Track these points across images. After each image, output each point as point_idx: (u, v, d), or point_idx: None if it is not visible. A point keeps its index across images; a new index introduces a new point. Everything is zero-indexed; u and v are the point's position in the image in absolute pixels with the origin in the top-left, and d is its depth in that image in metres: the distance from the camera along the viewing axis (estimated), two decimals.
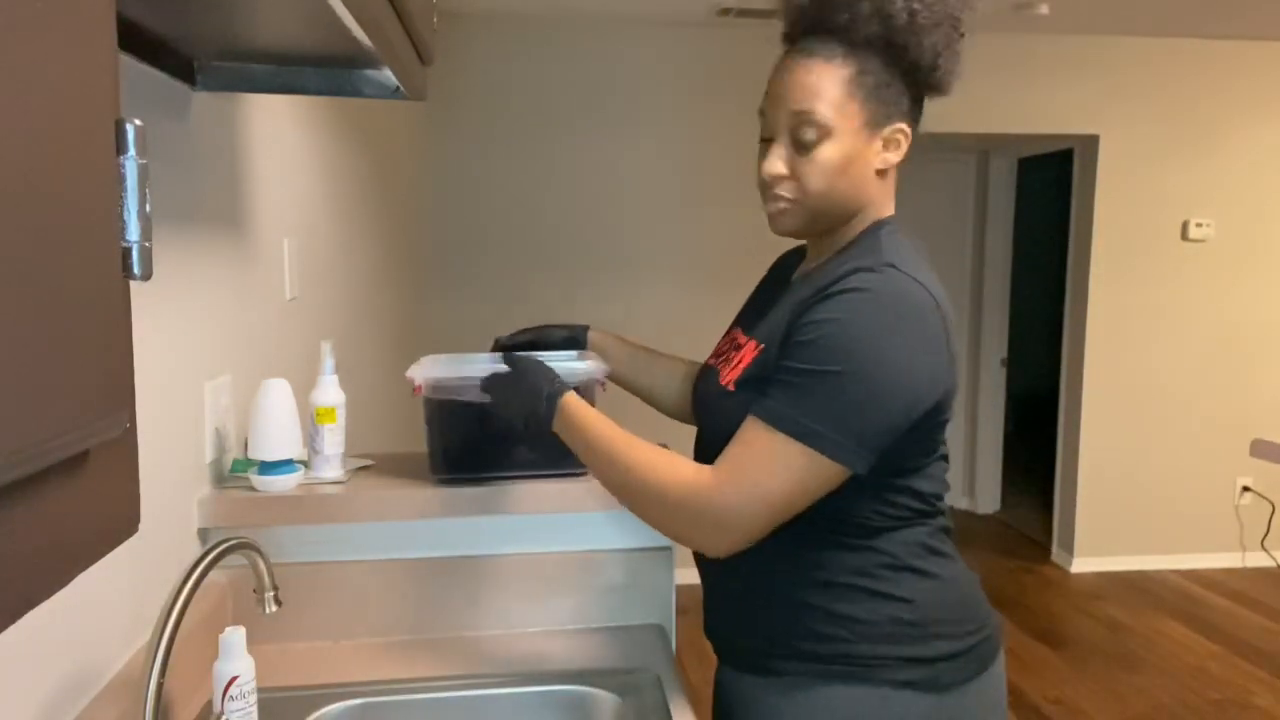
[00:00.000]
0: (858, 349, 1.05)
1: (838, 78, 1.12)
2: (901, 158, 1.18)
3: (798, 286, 1.20)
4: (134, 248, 0.44)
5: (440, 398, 1.47)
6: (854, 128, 1.13)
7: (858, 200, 1.18)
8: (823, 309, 1.07)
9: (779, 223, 1.19)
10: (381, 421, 2.78)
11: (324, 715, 1.26)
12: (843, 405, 1.04)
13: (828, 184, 1.14)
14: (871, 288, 1.07)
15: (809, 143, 1.13)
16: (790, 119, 1.14)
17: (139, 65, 1.16)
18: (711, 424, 1.21)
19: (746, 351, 1.18)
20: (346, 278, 2.55)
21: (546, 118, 4.27)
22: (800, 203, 1.16)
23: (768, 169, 1.16)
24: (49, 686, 0.96)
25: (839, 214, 1.18)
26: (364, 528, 1.49)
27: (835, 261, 1.17)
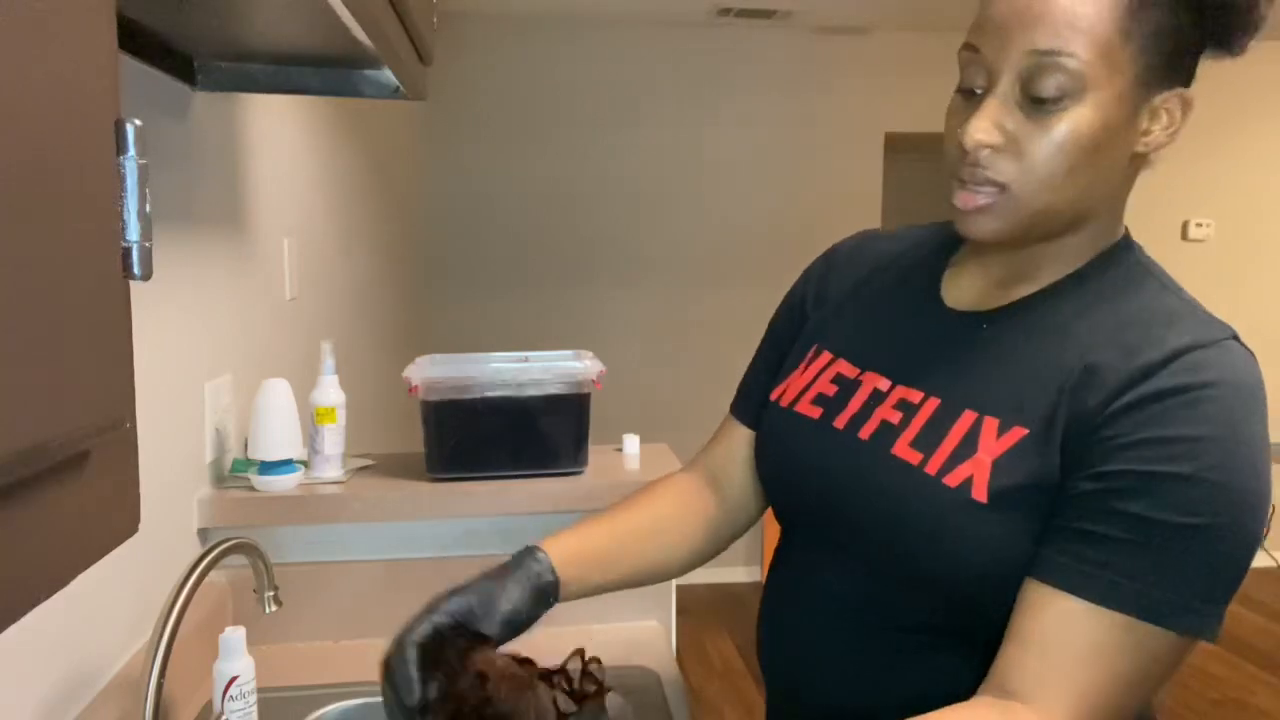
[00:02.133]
0: (1237, 484, 0.72)
1: (1111, 4, 0.74)
2: (1171, 142, 0.81)
3: (1021, 330, 0.84)
4: (134, 248, 0.44)
5: (436, 397, 1.47)
6: (1120, 88, 0.75)
7: (1098, 198, 0.81)
8: (1177, 416, 0.73)
9: (976, 223, 0.80)
10: (381, 421, 2.78)
11: (324, 715, 1.26)
12: (1235, 563, 0.74)
13: (1067, 169, 0.76)
14: (1230, 381, 0.74)
15: (1052, 100, 0.75)
16: (1024, 60, 0.75)
17: (139, 65, 1.16)
18: (916, 543, 0.81)
19: (962, 425, 0.81)
20: (346, 278, 2.55)
21: (546, 118, 4.27)
22: (1017, 195, 0.78)
23: (975, 135, 0.77)
24: (49, 686, 0.96)
25: (1067, 219, 0.81)
26: (364, 528, 1.49)
27: (1090, 301, 0.82)
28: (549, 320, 4.32)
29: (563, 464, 1.52)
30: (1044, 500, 0.76)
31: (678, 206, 4.37)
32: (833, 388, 0.92)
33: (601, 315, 4.33)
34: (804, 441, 0.91)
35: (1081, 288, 0.83)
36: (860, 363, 0.92)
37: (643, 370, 4.28)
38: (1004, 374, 0.82)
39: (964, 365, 0.85)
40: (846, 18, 4.13)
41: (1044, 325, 0.83)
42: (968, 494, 0.78)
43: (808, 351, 0.98)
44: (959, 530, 0.78)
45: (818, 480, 0.89)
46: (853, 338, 0.95)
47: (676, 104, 4.32)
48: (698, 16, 4.08)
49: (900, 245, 1.00)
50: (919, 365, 0.87)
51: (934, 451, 0.81)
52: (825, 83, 4.34)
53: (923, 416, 0.84)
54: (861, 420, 0.88)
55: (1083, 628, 0.73)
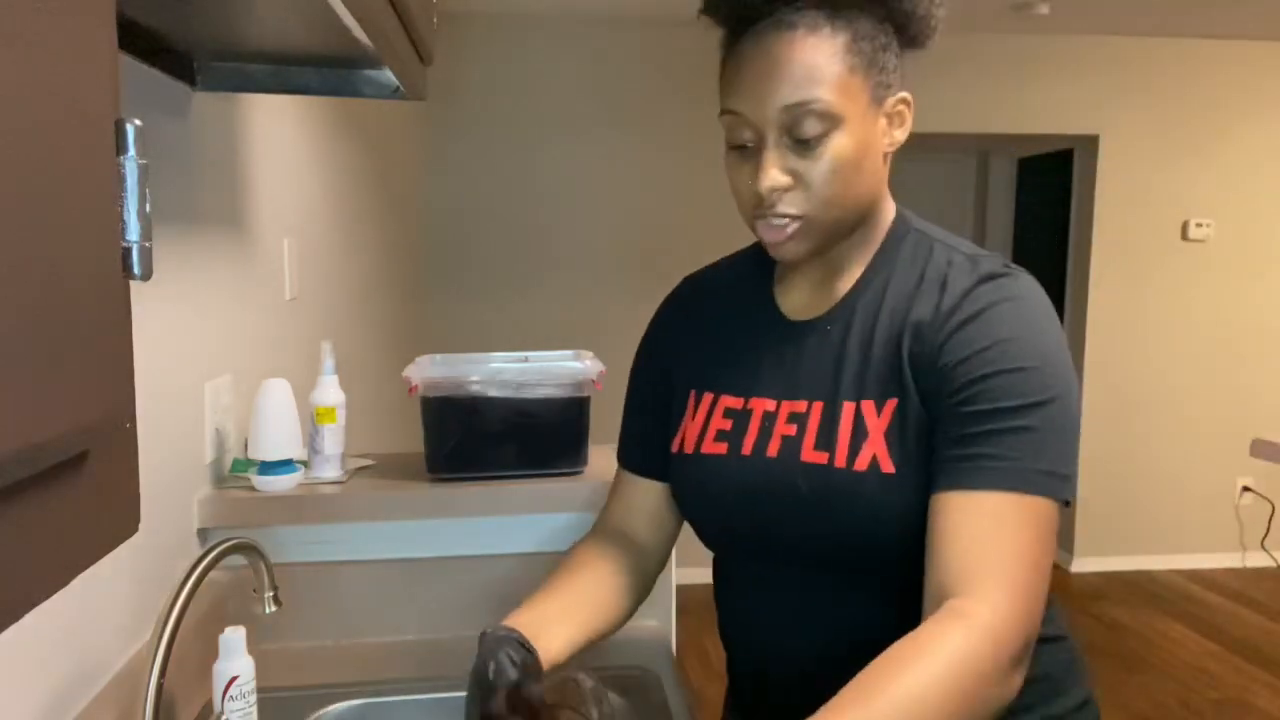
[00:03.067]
0: (1053, 365, 0.88)
1: (833, 50, 0.88)
2: (907, 135, 0.96)
3: (855, 322, 0.97)
4: (134, 248, 0.44)
5: (436, 397, 1.47)
6: (861, 109, 0.90)
7: (872, 197, 0.96)
8: (984, 331, 0.89)
9: (787, 249, 0.94)
10: (381, 421, 2.78)
11: (324, 715, 1.26)
12: (1069, 434, 0.88)
13: (844, 186, 0.91)
14: (1020, 294, 0.91)
15: (813, 139, 0.89)
16: (781, 115, 0.89)
17: (139, 65, 1.16)
18: (851, 526, 0.92)
19: (848, 417, 0.93)
20: (346, 278, 2.55)
21: (546, 118, 4.27)
22: (812, 218, 0.92)
23: (767, 182, 0.90)
24: (49, 686, 0.96)
25: (854, 220, 0.96)
26: (364, 528, 1.49)
27: (894, 277, 0.97)
28: (549, 320, 4.32)
29: (563, 464, 1.52)
30: (928, 442, 0.90)
31: (678, 206, 4.37)
32: (727, 421, 1.02)
33: (602, 315, 4.33)
34: (721, 477, 1.01)
35: (885, 269, 0.98)
36: (741, 391, 1.02)
37: None
38: (859, 361, 0.95)
39: (826, 366, 0.97)
40: None
41: (871, 310, 0.97)
42: (878, 471, 0.90)
43: (688, 399, 1.07)
44: (883, 503, 0.90)
45: (745, 508, 0.99)
46: (724, 372, 1.05)
47: (676, 104, 4.32)
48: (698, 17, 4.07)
49: (723, 278, 1.12)
50: (791, 379, 0.99)
51: (835, 447, 0.93)
52: None
53: (814, 421, 0.95)
54: (764, 442, 0.98)
55: (981, 515, 0.85)
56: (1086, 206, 4.67)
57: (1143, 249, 4.62)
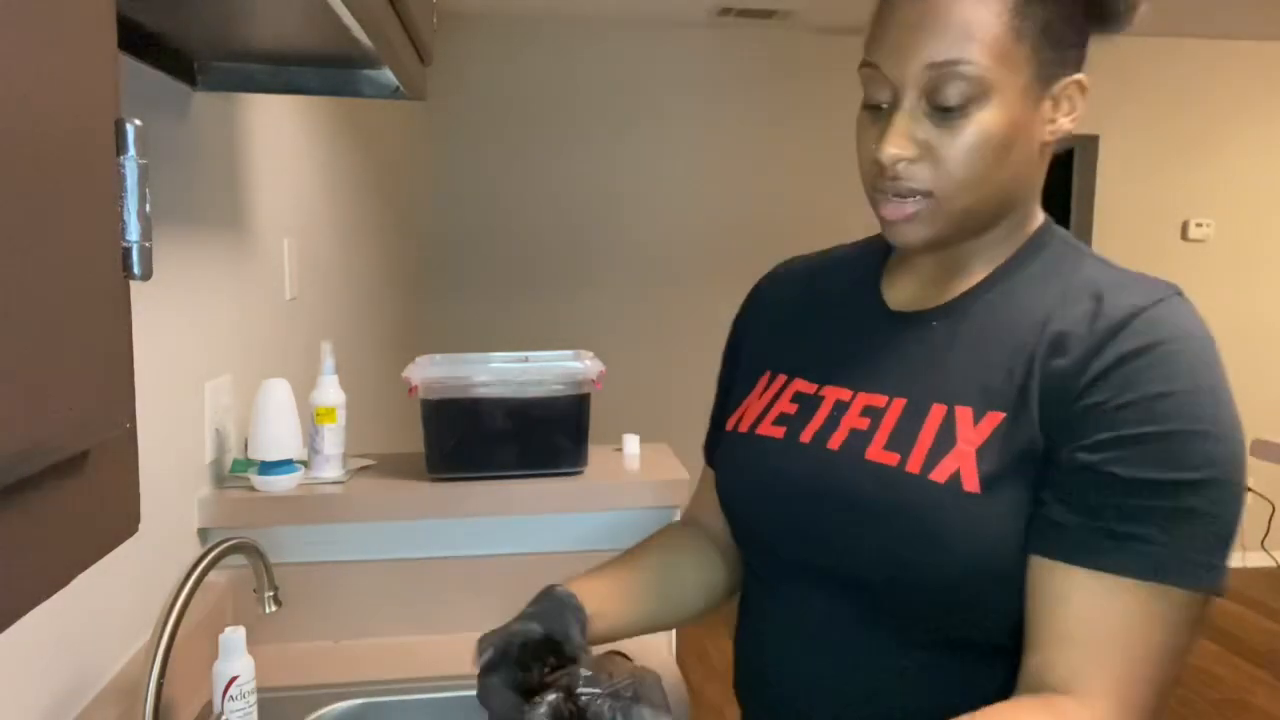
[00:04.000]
0: (1235, 430, 0.75)
1: (999, 7, 0.75)
2: (1075, 127, 0.82)
3: (968, 321, 0.84)
4: (134, 248, 0.43)
5: (436, 397, 1.47)
6: (1021, 84, 0.77)
7: (1017, 191, 0.83)
8: (1160, 371, 0.73)
9: (906, 232, 0.81)
10: (381, 421, 2.78)
11: (324, 715, 1.26)
12: (1238, 515, 0.74)
13: (983, 169, 0.78)
14: (1186, 334, 0.75)
15: (957, 108, 0.76)
16: (924, 74, 0.76)
17: (139, 65, 1.16)
18: (911, 544, 0.78)
19: (934, 420, 0.80)
20: (346, 278, 2.55)
21: (546, 118, 4.27)
22: (941, 200, 0.79)
23: (889, 149, 0.78)
24: (49, 686, 0.96)
25: (989, 215, 0.82)
26: (364, 528, 1.49)
27: (1027, 282, 0.83)
28: (549, 320, 4.32)
29: (563, 464, 1.52)
30: (1032, 473, 0.76)
31: (678, 206, 4.37)
32: (793, 405, 0.89)
33: (602, 315, 4.33)
34: (770, 464, 0.88)
35: (1019, 273, 0.84)
36: (817, 378, 0.90)
37: (643, 370, 4.28)
38: (965, 363, 0.81)
39: (922, 363, 0.84)
40: (846, 18, 4.12)
41: (993, 312, 0.83)
42: (959, 487, 0.76)
43: (759, 378, 0.95)
44: (956, 524, 0.75)
45: (792, 500, 0.86)
46: (803, 356, 0.93)
47: (676, 104, 4.32)
48: (698, 16, 4.08)
49: (826, 264, 1.01)
50: (877, 371, 0.86)
51: (911, 450, 0.79)
52: (825, 83, 4.33)
53: (891, 418, 0.82)
54: (829, 431, 0.85)
55: (1108, 604, 0.71)
56: (1086, 206, 4.67)
57: (1143, 249, 4.62)
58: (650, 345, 4.35)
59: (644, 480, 1.53)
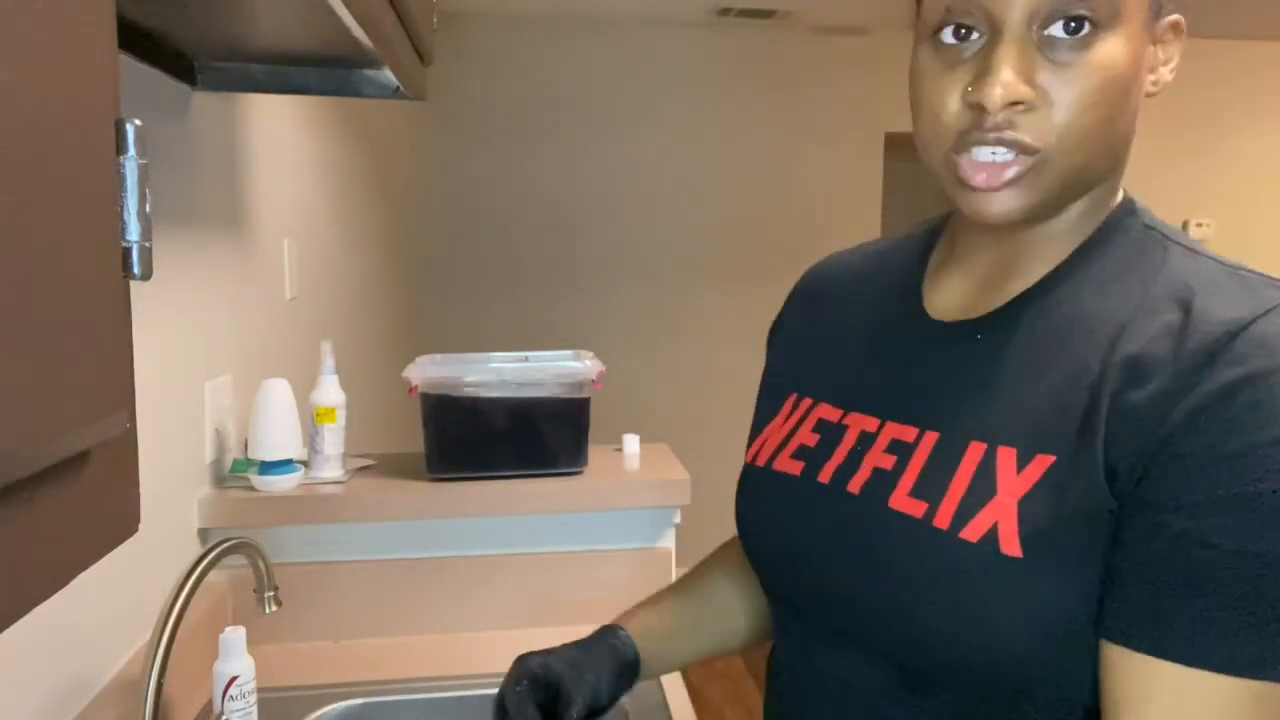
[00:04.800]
0: None
1: None
2: (1173, 77, 0.69)
3: (1020, 332, 0.69)
4: (134, 248, 0.44)
5: (436, 396, 1.47)
6: (1143, 18, 0.64)
7: (1123, 154, 0.68)
8: (1250, 419, 0.56)
9: (1001, 202, 0.64)
10: (381, 421, 2.78)
11: (324, 715, 1.26)
12: None
13: (1104, 119, 0.63)
14: None
15: (1081, 37, 0.61)
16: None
17: (139, 65, 1.16)
18: (932, 615, 0.64)
19: (970, 461, 0.65)
20: (346, 278, 2.55)
21: (546, 118, 4.27)
22: (1051, 159, 0.63)
23: (998, 90, 0.61)
24: (49, 686, 0.96)
25: (1095, 179, 0.67)
26: (364, 528, 1.49)
27: (1097, 278, 0.67)
28: (549, 320, 4.32)
29: (563, 464, 1.52)
30: (1092, 537, 0.60)
31: (678, 206, 4.37)
32: (814, 436, 0.77)
33: (601, 315, 4.33)
34: (785, 504, 0.76)
35: (1087, 268, 0.68)
36: (843, 403, 0.77)
37: (643, 370, 4.28)
38: (1012, 391, 0.66)
39: (961, 387, 0.69)
40: (846, 18, 4.13)
41: (1052, 322, 0.67)
42: (994, 548, 0.61)
43: (784, 401, 0.83)
44: (990, 597, 0.61)
45: (804, 549, 0.74)
46: (831, 376, 0.80)
47: (676, 104, 4.32)
48: (698, 16, 4.08)
49: (867, 262, 0.87)
50: (909, 395, 0.72)
51: (941, 499, 0.65)
52: (825, 83, 4.33)
53: (920, 457, 0.68)
54: (850, 470, 0.72)
55: (1202, 703, 0.57)
56: None
57: None
58: (651, 345, 4.35)
59: (644, 480, 1.54)
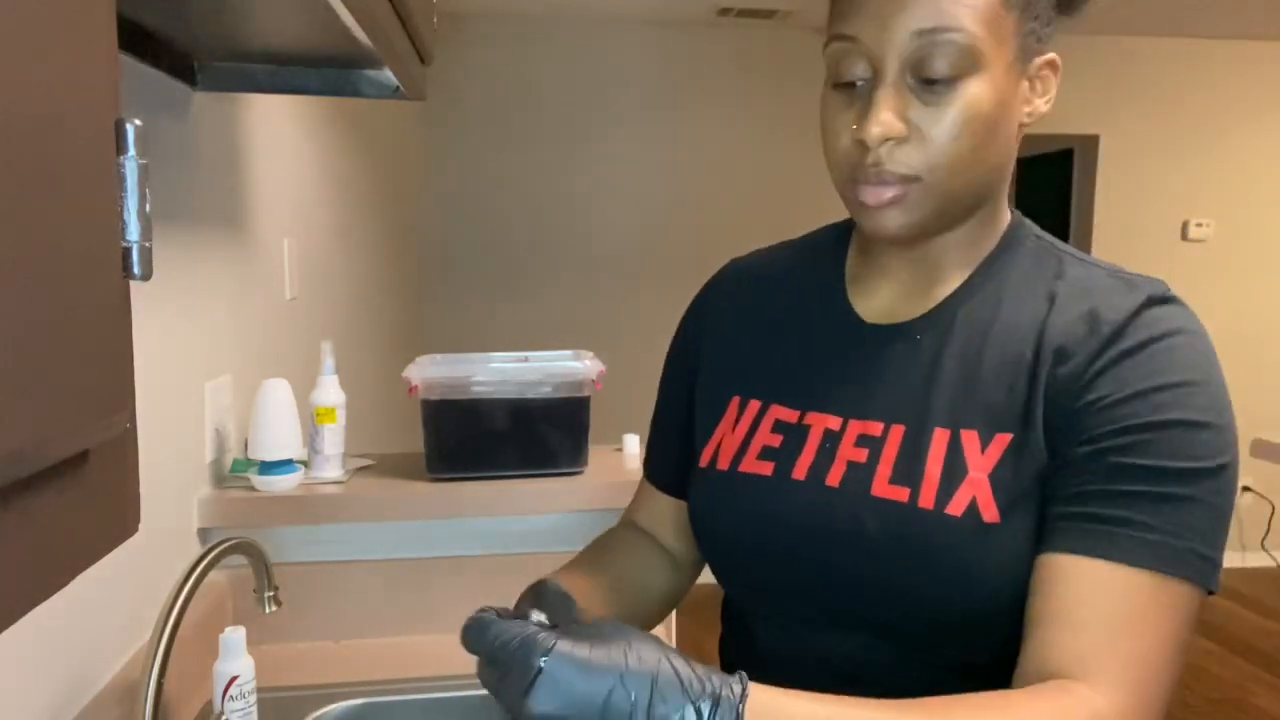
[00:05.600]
0: (1229, 425, 0.72)
1: None
2: (1048, 109, 0.79)
3: (955, 333, 0.79)
4: (134, 248, 0.43)
5: (436, 397, 1.47)
6: (1008, 58, 0.73)
7: (997, 176, 0.78)
8: (1156, 367, 0.71)
9: (888, 219, 0.75)
10: (381, 421, 2.78)
11: (324, 715, 1.26)
12: (1229, 511, 0.71)
13: (971, 149, 0.73)
14: (1196, 328, 0.75)
15: (945, 80, 0.71)
16: (910, 43, 0.71)
17: (139, 65, 1.16)
18: (931, 584, 0.73)
19: (939, 447, 0.75)
20: (346, 278, 2.54)
21: (546, 118, 4.27)
22: (928, 183, 0.73)
23: (876, 129, 0.71)
24: (49, 687, 0.96)
25: (971, 201, 0.77)
26: (364, 528, 1.49)
27: (1011, 287, 0.79)
28: (549, 320, 4.32)
29: (563, 464, 1.52)
30: (1043, 494, 0.73)
31: (678, 206, 4.37)
32: (776, 437, 0.82)
33: (601, 315, 4.33)
34: (761, 503, 0.80)
35: (999, 276, 0.80)
36: (797, 403, 0.82)
37: (643, 370, 4.28)
38: (961, 380, 0.76)
39: (914, 382, 0.78)
40: None
41: (981, 322, 0.78)
42: (977, 519, 0.72)
43: (727, 405, 0.87)
44: (981, 559, 0.71)
45: (789, 546, 0.79)
46: (775, 378, 0.85)
47: (676, 104, 4.32)
48: (698, 16, 4.08)
49: (781, 264, 0.92)
50: (864, 393, 0.79)
51: (920, 483, 0.74)
52: None
53: (892, 448, 0.76)
54: (824, 466, 0.78)
55: (1116, 592, 0.68)
56: (1086, 207, 4.67)
57: (1143, 249, 4.62)
58: (651, 345, 4.35)
59: None
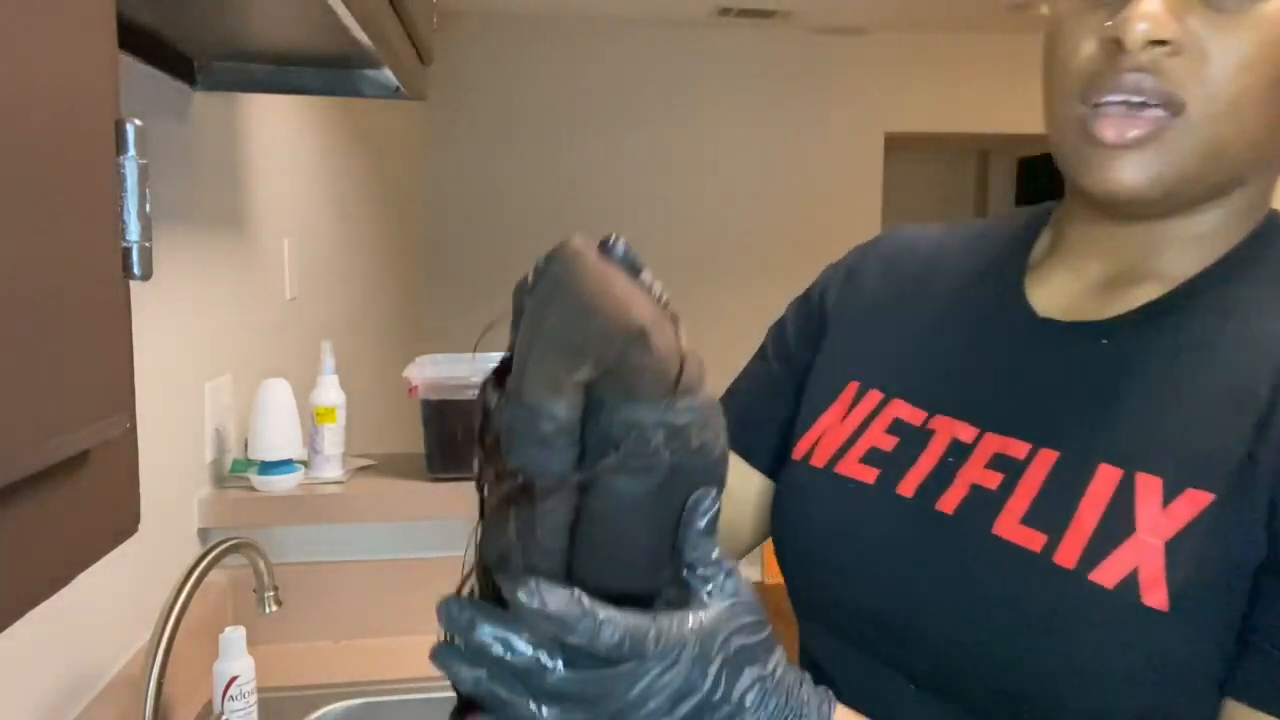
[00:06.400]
0: None
1: None
2: None
3: (1162, 345, 0.58)
4: (134, 248, 0.43)
5: (436, 397, 1.47)
6: None
7: (1267, 145, 0.57)
8: None
9: (1129, 166, 0.55)
10: (381, 421, 2.78)
11: (324, 715, 1.26)
12: None
13: (1263, 89, 0.54)
14: None
15: None
16: None
17: (139, 65, 1.16)
18: (1054, 674, 0.53)
19: (1103, 488, 0.54)
20: (346, 278, 2.55)
21: (546, 118, 4.27)
22: (1195, 121, 0.54)
23: (1143, 21, 0.53)
24: (49, 686, 0.96)
25: (1241, 169, 0.57)
26: (364, 528, 1.49)
27: (1253, 294, 0.58)
28: None
29: None
30: (1243, 592, 0.51)
31: (677, 206, 4.37)
32: (890, 439, 0.64)
33: None
34: (851, 517, 0.63)
35: (1238, 281, 0.58)
36: (926, 402, 0.65)
37: None
38: (1152, 410, 0.56)
39: (1084, 399, 0.58)
40: (846, 18, 4.12)
41: (1200, 336, 0.57)
42: (1133, 598, 0.51)
43: (841, 390, 0.70)
44: (1120, 653, 0.51)
45: (876, 574, 0.61)
46: (907, 368, 0.68)
47: (676, 104, 4.32)
48: (698, 16, 4.08)
49: (954, 243, 0.74)
50: (1015, 402, 0.61)
51: (1064, 531, 0.54)
52: (825, 83, 4.33)
53: (1036, 477, 0.57)
54: (940, 485, 0.60)
55: None
56: None
57: None
58: None
59: None
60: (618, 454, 0.41)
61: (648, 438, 0.41)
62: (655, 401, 0.41)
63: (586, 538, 0.43)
